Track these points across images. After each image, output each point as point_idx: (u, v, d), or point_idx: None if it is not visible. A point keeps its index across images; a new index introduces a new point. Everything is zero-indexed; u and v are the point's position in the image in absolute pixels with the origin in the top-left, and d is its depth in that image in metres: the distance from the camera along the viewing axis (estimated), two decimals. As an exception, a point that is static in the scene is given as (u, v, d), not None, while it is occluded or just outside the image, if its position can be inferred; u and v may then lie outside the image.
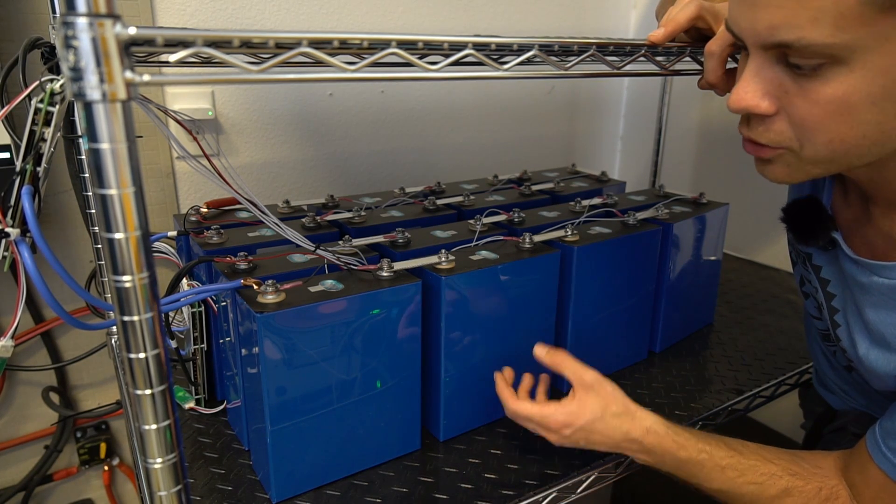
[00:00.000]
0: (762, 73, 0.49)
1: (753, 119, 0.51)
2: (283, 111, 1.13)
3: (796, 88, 0.47)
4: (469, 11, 1.28)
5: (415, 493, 0.68)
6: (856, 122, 0.46)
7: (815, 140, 0.48)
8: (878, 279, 0.58)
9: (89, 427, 1.09)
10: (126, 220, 0.34)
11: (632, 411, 0.65)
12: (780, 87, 0.48)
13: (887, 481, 0.58)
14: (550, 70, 0.54)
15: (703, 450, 0.64)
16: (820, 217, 0.64)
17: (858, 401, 0.78)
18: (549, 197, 1.09)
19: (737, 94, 0.50)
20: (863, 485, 0.61)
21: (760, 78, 0.49)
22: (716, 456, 0.63)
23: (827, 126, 0.47)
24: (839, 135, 0.47)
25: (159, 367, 0.37)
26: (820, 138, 0.48)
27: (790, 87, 0.47)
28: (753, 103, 0.49)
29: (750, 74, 0.49)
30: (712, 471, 0.63)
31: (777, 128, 0.50)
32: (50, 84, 0.66)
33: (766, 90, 0.49)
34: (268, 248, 0.80)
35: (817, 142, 0.48)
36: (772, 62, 0.48)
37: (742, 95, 0.49)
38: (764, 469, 0.63)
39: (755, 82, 0.49)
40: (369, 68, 0.43)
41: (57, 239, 0.99)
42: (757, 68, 0.49)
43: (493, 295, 0.76)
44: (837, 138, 0.47)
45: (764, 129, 0.51)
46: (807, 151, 0.50)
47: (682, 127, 1.49)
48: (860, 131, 0.47)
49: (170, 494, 0.40)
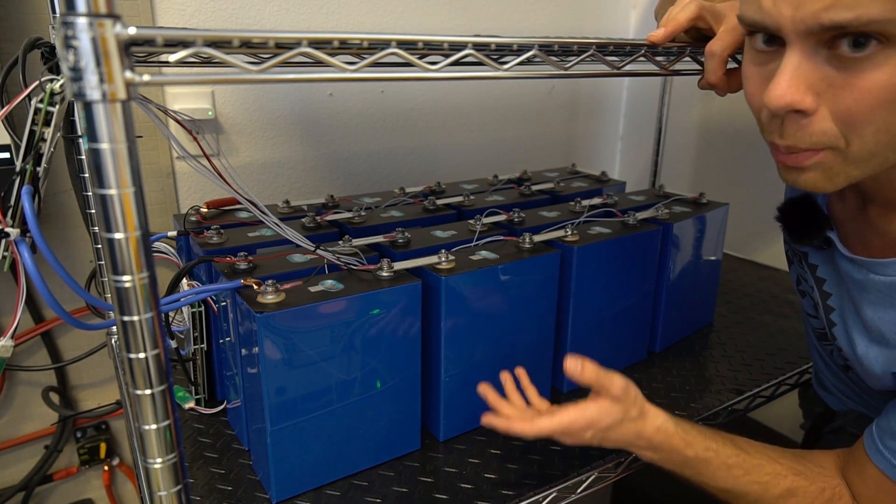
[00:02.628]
0: (804, 65, 0.45)
1: (788, 121, 0.47)
2: (283, 111, 1.13)
3: (842, 79, 0.44)
4: (469, 11, 1.28)
5: (415, 493, 0.68)
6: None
7: (864, 132, 0.45)
8: (875, 277, 0.58)
9: (89, 427, 1.09)
10: (126, 220, 0.34)
11: (645, 411, 0.64)
12: (824, 80, 0.45)
13: (884, 480, 0.58)
14: (550, 70, 0.54)
15: (710, 448, 0.63)
16: (815, 216, 0.64)
17: (855, 401, 0.78)
18: (549, 197, 1.09)
19: (778, 89, 0.45)
20: (861, 484, 0.61)
21: (803, 70, 0.45)
22: (722, 454, 0.63)
23: (875, 116, 0.44)
24: (886, 124, 0.44)
25: (159, 367, 0.37)
26: (868, 130, 0.45)
27: (835, 79, 0.44)
28: (798, 98, 0.45)
29: (791, 67, 0.45)
30: (718, 469, 0.63)
31: (818, 127, 0.46)
32: (50, 84, 0.66)
33: (809, 83, 0.45)
34: (268, 248, 0.80)
35: (866, 134, 0.45)
36: (813, 52, 0.44)
37: (784, 91, 0.45)
38: (769, 468, 0.63)
39: (798, 75, 0.45)
40: (369, 68, 0.43)
41: (57, 239, 0.99)
42: (798, 60, 0.45)
43: (493, 295, 0.76)
44: (884, 128, 0.45)
45: (802, 132, 0.47)
46: (854, 147, 0.46)
47: (682, 127, 1.49)
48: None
49: (170, 494, 0.40)
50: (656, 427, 0.64)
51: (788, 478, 0.62)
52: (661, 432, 0.64)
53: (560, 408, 0.63)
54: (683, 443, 0.63)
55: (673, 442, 0.63)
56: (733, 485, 0.63)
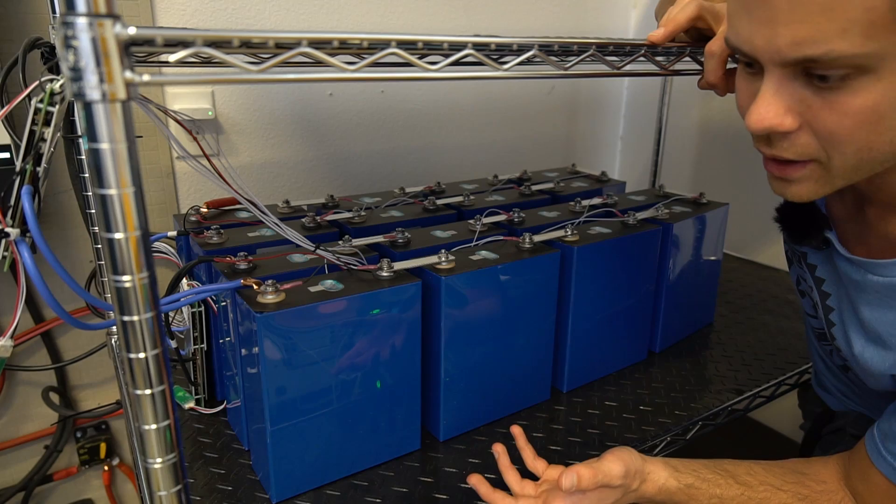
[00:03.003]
0: (782, 90, 0.46)
1: (775, 136, 0.49)
2: (283, 111, 1.13)
3: (820, 102, 0.45)
4: (469, 11, 1.28)
5: (415, 493, 0.68)
6: (885, 128, 0.45)
7: (845, 150, 0.47)
8: (873, 277, 0.58)
9: (89, 427, 1.09)
10: (126, 220, 0.34)
11: (645, 474, 0.63)
12: (803, 102, 0.46)
13: (891, 486, 0.58)
14: (550, 70, 0.54)
15: (714, 495, 0.63)
16: (813, 216, 0.64)
17: (855, 402, 0.78)
18: (549, 197, 1.09)
19: (758, 113, 0.47)
20: (867, 492, 0.60)
21: (780, 95, 0.46)
22: (726, 499, 0.63)
23: (857, 136, 0.45)
24: (867, 143, 0.46)
25: (159, 367, 0.37)
26: (849, 148, 0.46)
27: (813, 102, 0.46)
28: (777, 121, 0.47)
29: (769, 92, 0.47)
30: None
31: (802, 141, 0.48)
32: (50, 84, 0.66)
33: (788, 106, 0.47)
34: (268, 248, 0.80)
35: (846, 151, 0.47)
36: (791, 78, 0.46)
37: (764, 115, 0.47)
38: (775, 500, 0.62)
39: (776, 100, 0.47)
40: (369, 68, 0.43)
41: (57, 239, 0.99)
42: (776, 85, 0.46)
43: (493, 295, 0.76)
44: (866, 146, 0.46)
45: (788, 144, 0.49)
46: (836, 162, 0.48)
47: (682, 127, 1.49)
48: (887, 137, 0.45)
49: (170, 494, 0.40)
50: (657, 488, 0.63)
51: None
52: (662, 492, 0.63)
53: None
54: (687, 497, 0.63)
55: (676, 499, 0.63)
56: None
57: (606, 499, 0.61)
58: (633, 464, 0.62)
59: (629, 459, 0.62)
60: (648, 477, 0.63)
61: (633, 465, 0.62)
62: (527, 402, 0.84)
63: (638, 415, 0.83)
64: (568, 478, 0.58)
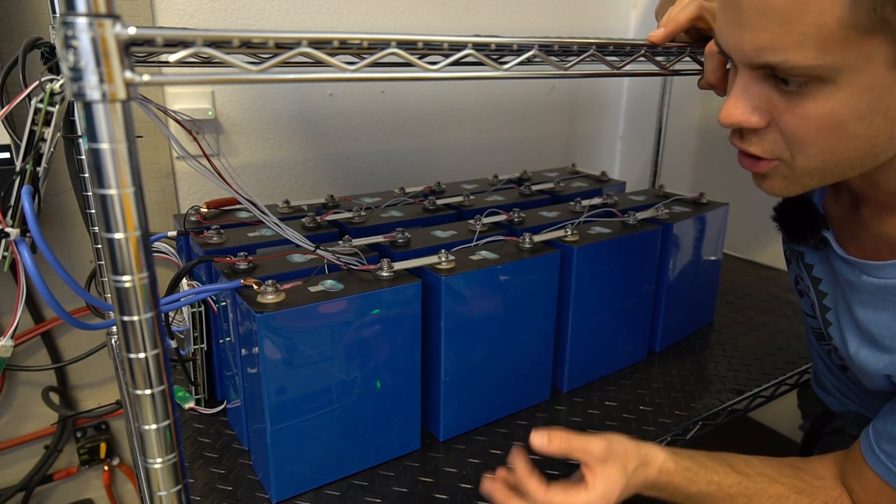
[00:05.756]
0: (751, 90, 0.49)
1: (746, 131, 0.52)
2: (283, 111, 1.13)
3: (785, 104, 0.47)
4: (469, 11, 1.28)
5: (415, 493, 0.68)
6: (845, 135, 0.46)
7: (807, 152, 0.49)
8: (867, 278, 0.58)
9: (89, 427, 1.09)
10: (126, 220, 0.34)
11: (643, 457, 0.62)
12: (770, 102, 0.48)
13: (884, 485, 0.58)
14: (550, 70, 0.54)
15: (712, 481, 0.63)
16: (810, 216, 0.64)
17: (854, 401, 0.78)
18: (549, 197, 1.09)
19: (727, 109, 0.50)
20: (860, 490, 0.61)
21: (749, 94, 0.49)
22: (724, 485, 0.63)
23: (817, 140, 0.47)
24: (829, 147, 0.48)
25: (159, 367, 0.37)
26: (811, 151, 0.48)
27: (779, 103, 0.48)
28: (744, 118, 0.49)
29: (739, 90, 0.49)
30: (722, 500, 0.63)
31: (770, 138, 0.50)
32: (50, 84, 0.66)
33: (755, 105, 0.49)
34: (268, 248, 0.80)
35: (809, 154, 0.49)
36: (759, 79, 0.48)
37: (732, 111, 0.50)
38: (771, 491, 0.63)
39: (744, 98, 0.49)
40: (369, 68, 0.43)
41: (57, 239, 0.99)
42: (745, 84, 0.49)
43: (493, 295, 0.76)
44: (827, 150, 0.48)
45: (757, 139, 0.51)
46: (799, 162, 0.50)
47: (682, 127, 1.49)
48: (850, 144, 0.47)
49: (170, 494, 0.40)
50: (658, 469, 0.63)
51: (791, 497, 0.62)
52: (663, 473, 0.63)
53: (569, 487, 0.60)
54: (686, 480, 0.63)
55: (675, 481, 0.63)
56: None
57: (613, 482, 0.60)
58: (622, 444, 0.62)
59: (616, 439, 0.62)
60: (647, 458, 0.63)
61: (623, 445, 0.62)
62: (527, 402, 0.84)
63: (638, 415, 0.83)
64: (538, 437, 0.60)
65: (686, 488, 0.63)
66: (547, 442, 0.60)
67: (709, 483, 0.63)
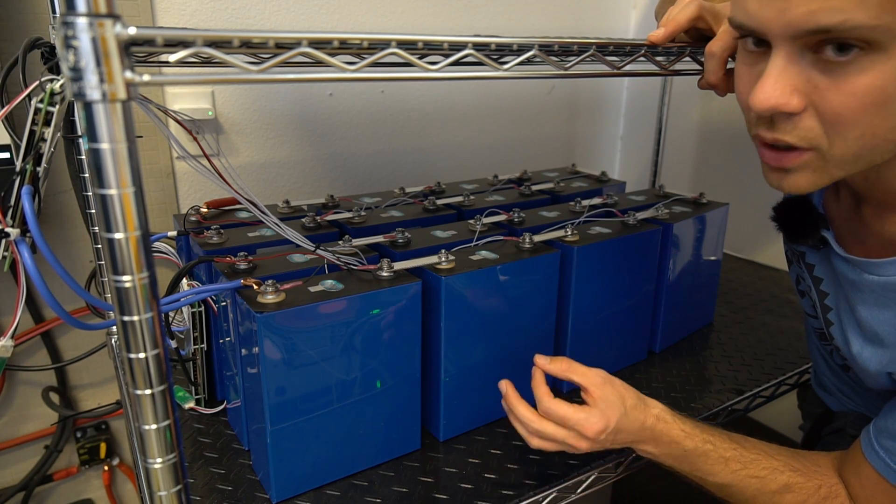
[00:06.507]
0: (789, 68, 0.45)
1: (778, 118, 0.48)
2: (283, 111, 1.13)
3: (827, 82, 0.44)
4: (469, 11, 1.28)
5: (415, 493, 0.68)
6: (889, 112, 0.44)
7: (847, 135, 0.46)
8: (869, 277, 0.58)
9: (89, 427, 1.09)
10: (126, 220, 0.34)
11: (642, 399, 0.65)
12: (810, 82, 0.45)
13: (881, 480, 0.58)
14: (550, 70, 0.54)
15: (708, 440, 0.64)
16: (810, 215, 0.64)
17: (855, 401, 0.78)
18: (549, 197, 1.09)
19: (763, 92, 0.46)
20: (857, 484, 0.61)
21: (788, 73, 0.45)
22: (720, 447, 0.63)
23: (861, 119, 0.44)
24: (871, 128, 0.45)
25: (159, 367, 0.37)
26: (852, 133, 0.45)
27: (820, 81, 0.45)
28: (783, 101, 0.45)
29: (776, 70, 0.45)
30: (716, 462, 0.63)
31: (805, 125, 0.47)
32: (50, 84, 0.66)
33: (794, 86, 0.45)
34: (268, 248, 0.80)
35: (849, 137, 0.46)
36: (798, 55, 0.45)
37: (770, 94, 0.45)
38: (766, 463, 0.63)
39: (783, 78, 0.45)
40: (369, 68, 0.43)
41: (57, 239, 0.99)
42: (783, 63, 0.45)
43: (493, 295, 0.76)
44: (869, 132, 0.45)
45: (791, 126, 0.47)
46: (836, 149, 0.47)
47: (682, 127, 1.49)
48: (892, 122, 0.45)
49: (170, 494, 0.40)
50: (655, 416, 0.64)
51: (785, 473, 0.62)
52: (661, 421, 0.64)
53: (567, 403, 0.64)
54: (682, 434, 0.64)
55: (672, 432, 0.64)
56: (731, 479, 0.63)
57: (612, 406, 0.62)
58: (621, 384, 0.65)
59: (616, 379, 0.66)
60: (646, 402, 0.65)
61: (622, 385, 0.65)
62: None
63: (638, 415, 0.83)
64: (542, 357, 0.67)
65: (682, 442, 0.63)
66: (549, 361, 0.67)
67: (705, 441, 0.64)
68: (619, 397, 0.63)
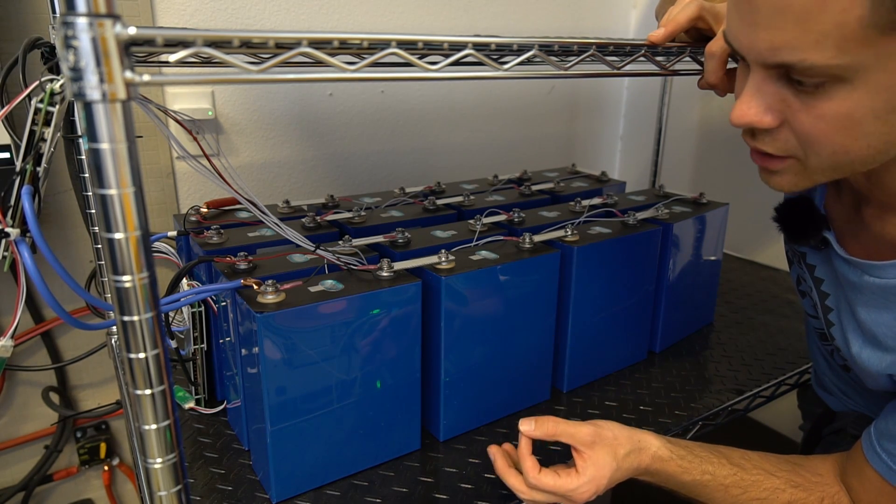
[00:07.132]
0: (764, 89, 0.48)
1: (758, 130, 0.51)
2: (283, 111, 1.13)
3: (799, 104, 0.46)
4: (469, 11, 1.28)
5: (415, 493, 0.68)
6: (860, 134, 0.46)
7: (820, 152, 0.48)
8: (869, 278, 0.58)
9: (89, 427, 1.09)
10: (126, 220, 0.34)
11: (636, 442, 0.63)
12: (783, 102, 0.47)
13: (884, 484, 0.58)
14: (550, 70, 0.54)
15: (707, 471, 0.63)
16: (812, 216, 0.64)
17: (856, 401, 0.78)
18: (549, 197, 1.09)
19: (739, 109, 0.49)
20: (860, 488, 0.61)
21: (762, 93, 0.48)
22: (719, 476, 0.63)
23: (831, 139, 0.46)
24: (843, 146, 0.47)
25: (159, 367, 0.37)
26: (825, 150, 0.48)
27: (793, 102, 0.47)
28: (757, 119, 0.49)
29: (752, 90, 0.48)
30: (716, 490, 0.63)
31: (783, 137, 0.49)
32: (50, 84, 0.66)
33: (768, 105, 0.48)
34: (268, 248, 0.80)
35: (822, 153, 0.48)
36: (773, 78, 0.47)
37: (745, 111, 0.49)
38: (767, 484, 0.63)
39: (757, 97, 0.48)
40: (369, 68, 0.43)
41: (57, 239, 0.99)
42: (758, 84, 0.48)
43: (493, 295, 0.76)
44: (842, 150, 0.47)
45: (770, 138, 0.50)
46: (812, 161, 0.49)
47: (682, 127, 1.49)
48: (864, 142, 0.46)
49: (170, 494, 0.40)
50: (651, 455, 0.64)
51: (787, 491, 0.62)
52: (657, 460, 0.63)
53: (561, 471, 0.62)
54: (680, 469, 0.64)
55: (669, 469, 0.64)
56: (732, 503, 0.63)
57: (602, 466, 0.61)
58: (612, 429, 0.63)
59: (607, 425, 0.63)
60: (640, 444, 0.64)
61: (613, 430, 0.63)
62: (527, 402, 0.84)
63: (638, 415, 0.83)
64: (526, 422, 0.63)
65: (679, 477, 0.63)
66: (534, 427, 0.63)
67: (703, 473, 0.63)
68: (609, 454, 0.62)
